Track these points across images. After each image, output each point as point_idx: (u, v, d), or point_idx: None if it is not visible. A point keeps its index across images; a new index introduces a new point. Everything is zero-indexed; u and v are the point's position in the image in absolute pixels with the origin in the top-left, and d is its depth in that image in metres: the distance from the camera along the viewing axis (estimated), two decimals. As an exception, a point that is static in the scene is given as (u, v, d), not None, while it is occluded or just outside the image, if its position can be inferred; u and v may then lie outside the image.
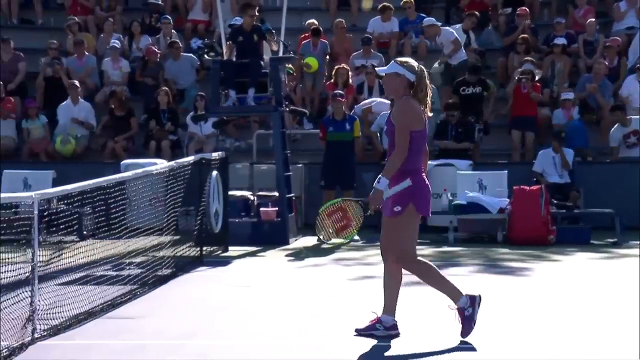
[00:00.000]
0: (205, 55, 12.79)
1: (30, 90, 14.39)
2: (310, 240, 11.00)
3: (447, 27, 14.08)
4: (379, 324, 5.66)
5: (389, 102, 13.51)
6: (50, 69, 14.03)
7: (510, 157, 13.10)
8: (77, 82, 13.64)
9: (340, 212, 10.55)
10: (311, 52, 13.92)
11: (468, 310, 5.49)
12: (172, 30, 14.86)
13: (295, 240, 11.07)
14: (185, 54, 14.27)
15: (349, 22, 15.76)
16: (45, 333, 5.82)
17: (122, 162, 11.95)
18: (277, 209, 10.92)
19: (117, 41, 14.47)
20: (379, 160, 12.75)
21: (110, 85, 14.04)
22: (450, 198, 11.23)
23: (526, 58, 13.49)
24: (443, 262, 9.54)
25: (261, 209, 10.96)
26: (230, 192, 10.46)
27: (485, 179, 11.50)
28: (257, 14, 11.52)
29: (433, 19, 14.16)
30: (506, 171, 11.64)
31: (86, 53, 14.45)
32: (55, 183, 10.87)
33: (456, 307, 5.52)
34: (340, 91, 12.10)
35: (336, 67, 13.43)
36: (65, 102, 13.52)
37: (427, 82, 5.61)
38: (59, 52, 14.48)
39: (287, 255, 10.00)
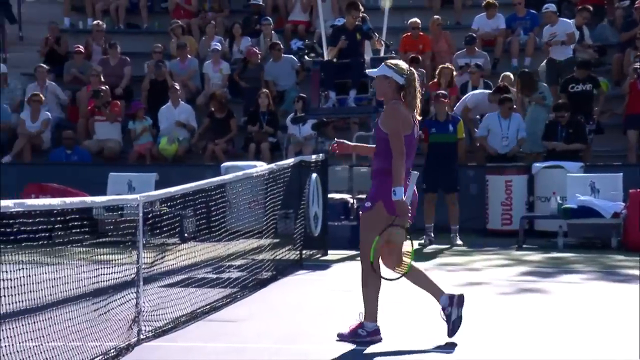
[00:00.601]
0: (306, 57, 12.71)
1: (135, 93, 14.70)
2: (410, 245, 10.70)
3: (565, 19, 13.52)
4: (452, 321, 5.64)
5: (482, 91, 13.17)
6: (157, 72, 14.25)
7: (626, 158, 12.41)
8: (177, 85, 13.83)
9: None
10: None
11: (362, 331, 5.61)
12: (272, 32, 14.88)
13: (396, 244, 10.82)
14: (285, 55, 14.25)
15: (453, 20, 15.39)
16: (149, 334, 5.83)
17: (222, 165, 11.99)
18: (377, 212, 10.68)
19: (217, 44, 14.60)
20: (483, 162, 12.35)
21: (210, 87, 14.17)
22: (560, 202, 10.71)
23: (639, 54, 12.75)
24: (554, 268, 9.10)
25: (361, 212, 10.75)
26: (329, 195, 10.32)
27: (599, 181, 10.91)
28: (360, 15, 11.34)
29: (554, 5, 13.63)
30: (621, 173, 11.01)
31: (189, 56, 14.65)
32: (158, 185, 11.00)
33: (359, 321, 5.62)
34: (443, 91, 11.74)
35: (440, 66, 13.06)
36: (165, 105, 13.72)
37: (417, 85, 5.57)
38: (163, 55, 14.74)
39: (388, 260, 9.76)
